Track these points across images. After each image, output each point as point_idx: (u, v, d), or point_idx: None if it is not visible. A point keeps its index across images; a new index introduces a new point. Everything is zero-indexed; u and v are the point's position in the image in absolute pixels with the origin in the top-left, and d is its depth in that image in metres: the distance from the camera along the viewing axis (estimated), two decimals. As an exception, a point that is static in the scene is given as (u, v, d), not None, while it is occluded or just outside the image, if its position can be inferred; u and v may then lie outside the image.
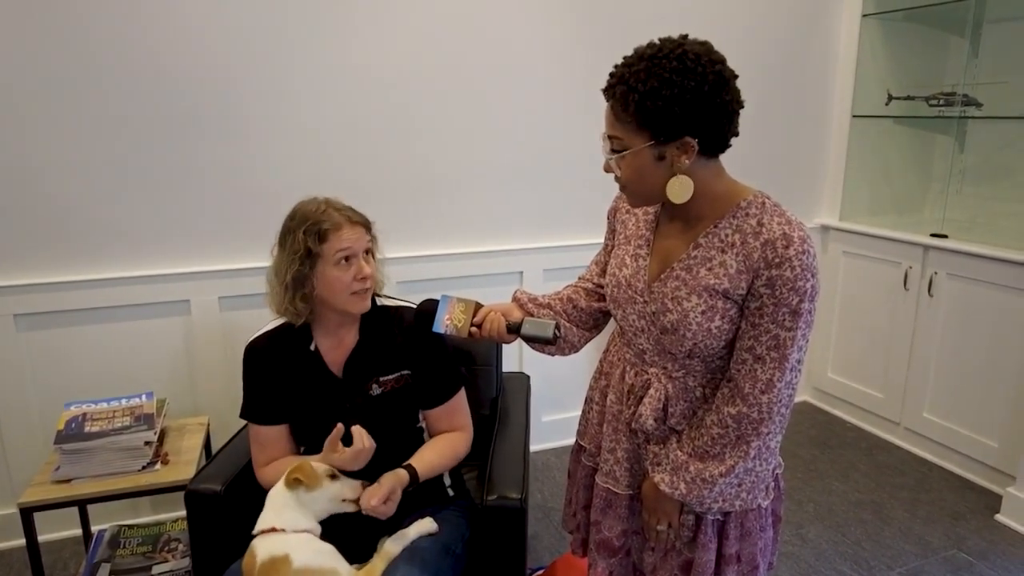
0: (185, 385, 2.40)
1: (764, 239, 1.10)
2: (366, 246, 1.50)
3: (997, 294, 2.64)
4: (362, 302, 1.50)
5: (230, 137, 2.29)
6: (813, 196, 3.33)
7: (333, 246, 1.45)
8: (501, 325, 1.33)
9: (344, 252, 1.45)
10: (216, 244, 2.35)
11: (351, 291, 1.48)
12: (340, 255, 1.45)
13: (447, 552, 1.49)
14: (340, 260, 1.46)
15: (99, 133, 2.15)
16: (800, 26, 3.06)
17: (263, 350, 1.57)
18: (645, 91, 1.05)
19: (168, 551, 2.05)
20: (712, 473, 1.18)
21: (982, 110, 2.97)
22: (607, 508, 1.35)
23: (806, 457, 2.95)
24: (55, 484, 1.85)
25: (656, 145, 1.09)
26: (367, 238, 1.50)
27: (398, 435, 1.56)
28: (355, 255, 1.47)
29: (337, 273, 1.46)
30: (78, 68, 2.09)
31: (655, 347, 1.24)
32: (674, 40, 1.09)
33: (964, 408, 2.80)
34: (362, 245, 1.49)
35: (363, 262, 1.48)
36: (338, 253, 1.45)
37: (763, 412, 1.14)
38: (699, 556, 1.25)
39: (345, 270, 1.46)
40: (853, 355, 3.28)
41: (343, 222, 1.46)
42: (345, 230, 1.46)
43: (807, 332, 1.13)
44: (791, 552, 2.34)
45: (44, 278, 2.18)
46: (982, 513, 2.57)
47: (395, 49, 2.43)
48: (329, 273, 1.46)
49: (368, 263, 1.50)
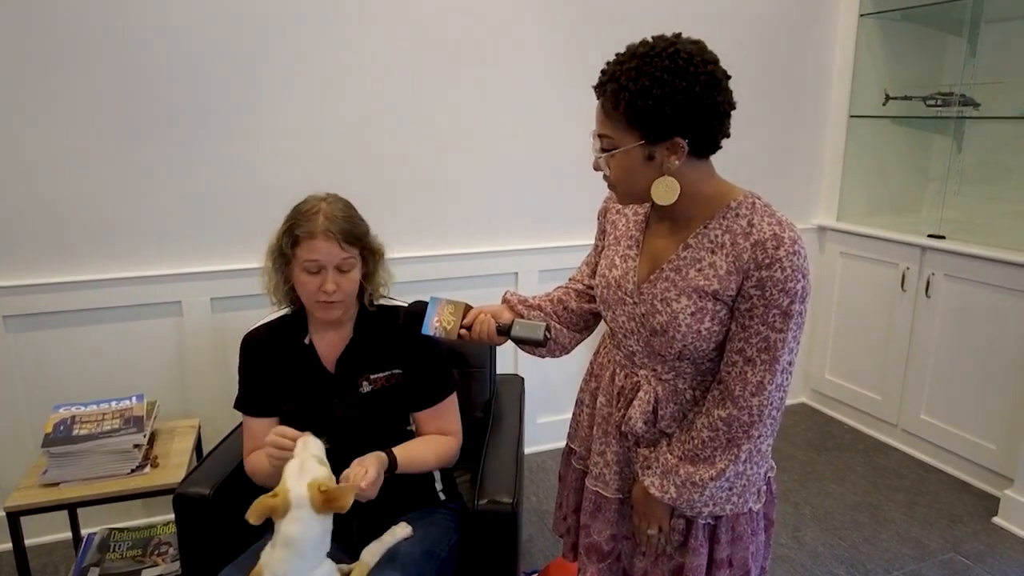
0: (176, 387, 2.38)
1: (754, 240, 1.08)
2: (338, 261, 1.46)
3: (995, 295, 2.62)
4: (327, 312, 1.50)
5: (223, 137, 2.27)
6: (810, 197, 3.32)
7: (302, 253, 1.45)
8: (491, 327, 1.31)
9: (312, 263, 1.45)
10: (208, 245, 2.33)
11: (315, 299, 1.48)
12: (308, 264, 1.45)
13: (431, 556, 1.47)
14: (308, 268, 1.45)
15: (90, 133, 2.13)
16: (797, 26, 3.05)
17: (260, 341, 1.59)
18: (636, 90, 1.03)
19: (158, 555, 2.04)
20: (702, 476, 1.16)
21: (980, 110, 2.96)
22: (596, 512, 1.34)
23: (803, 459, 2.93)
24: (43, 487, 1.83)
25: (646, 145, 1.08)
26: (343, 255, 1.46)
27: (386, 435, 1.55)
28: (324, 268, 1.45)
29: (304, 279, 1.47)
30: (66, 68, 2.07)
31: (645, 349, 1.22)
32: (667, 39, 1.07)
33: (962, 410, 2.78)
34: (332, 260, 1.45)
35: (332, 276, 1.45)
36: (306, 262, 1.45)
37: (754, 415, 1.13)
38: (690, 561, 1.24)
39: (312, 278, 1.46)
40: (850, 357, 3.26)
41: (318, 233, 1.43)
42: (317, 242, 1.43)
43: (798, 334, 1.11)
44: (787, 555, 2.33)
45: (33, 279, 2.16)
46: (979, 516, 2.55)
47: (391, 50, 2.41)
48: (298, 276, 1.48)
49: (342, 278, 1.47)
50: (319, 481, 1.25)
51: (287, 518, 1.24)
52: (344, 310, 1.52)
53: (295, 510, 1.23)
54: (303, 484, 1.25)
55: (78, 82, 2.09)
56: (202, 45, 2.19)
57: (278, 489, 1.26)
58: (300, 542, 1.23)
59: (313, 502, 1.23)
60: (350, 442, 1.48)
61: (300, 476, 1.26)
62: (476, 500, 1.52)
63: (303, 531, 1.23)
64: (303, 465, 1.28)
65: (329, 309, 1.49)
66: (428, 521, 1.54)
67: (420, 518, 1.54)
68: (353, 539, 1.49)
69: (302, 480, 1.25)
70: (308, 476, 1.26)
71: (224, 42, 2.21)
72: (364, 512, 1.43)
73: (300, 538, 1.23)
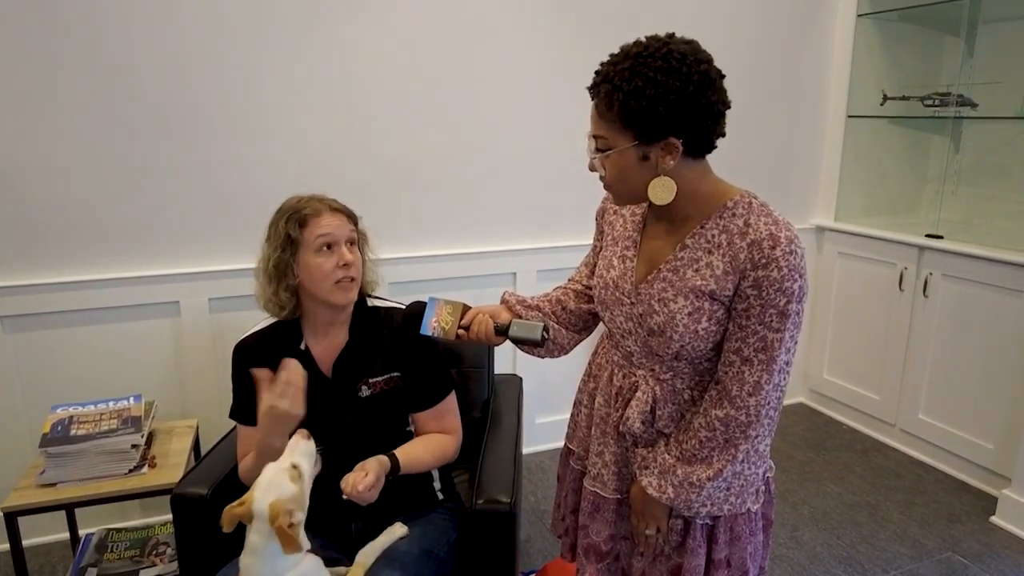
0: (174, 387, 2.38)
1: (751, 239, 1.08)
2: (348, 235, 1.48)
3: (992, 295, 2.63)
4: (346, 293, 1.48)
5: (220, 137, 2.27)
6: (808, 197, 3.32)
7: (313, 232, 1.44)
8: (489, 327, 1.31)
9: (325, 239, 1.44)
10: (206, 245, 2.33)
11: (334, 279, 1.45)
12: (321, 241, 1.44)
13: (429, 556, 1.47)
14: (321, 247, 1.45)
15: (86, 133, 2.13)
16: (795, 26, 3.05)
17: (252, 349, 1.56)
18: (629, 90, 1.03)
19: (156, 555, 2.04)
20: (700, 477, 1.16)
21: (977, 110, 2.96)
22: (595, 512, 1.34)
23: (801, 459, 2.93)
24: (41, 488, 1.83)
25: (640, 145, 1.08)
26: (350, 227, 1.49)
27: (387, 437, 1.54)
28: (336, 242, 1.46)
29: (319, 260, 1.44)
30: (62, 68, 2.07)
31: (643, 349, 1.22)
32: (660, 39, 1.07)
33: (960, 410, 2.78)
34: (344, 233, 1.47)
35: (345, 250, 1.46)
36: (319, 239, 1.44)
37: (751, 415, 1.13)
38: (688, 561, 1.24)
39: (327, 257, 1.45)
40: (848, 357, 3.26)
41: (323, 209, 1.46)
42: (325, 216, 1.46)
43: (795, 333, 1.11)
44: (785, 555, 2.33)
45: (31, 279, 2.16)
46: (977, 515, 2.56)
47: (386, 49, 2.41)
48: (311, 261, 1.45)
49: (352, 252, 1.48)
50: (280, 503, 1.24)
51: (252, 527, 1.25)
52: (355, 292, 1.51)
53: (257, 521, 1.24)
54: (267, 500, 1.24)
55: (75, 83, 2.09)
56: (200, 46, 2.18)
57: (245, 498, 1.26)
58: (263, 551, 1.24)
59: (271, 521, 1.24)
60: (350, 446, 1.48)
61: (267, 490, 1.26)
62: (474, 500, 1.52)
63: (265, 541, 1.24)
64: (273, 479, 1.27)
65: (348, 289, 1.47)
66: (426, 520, 1.54)
67: (418, 518, 1.54)
68: (352, 540, 1.49)
69: (268, 495, 1.25)
70: (273, 494, 1.25)
71: (222, 43, 2.21)
72: (363, 513, 1.43)
73: (263, 547, 1.24)
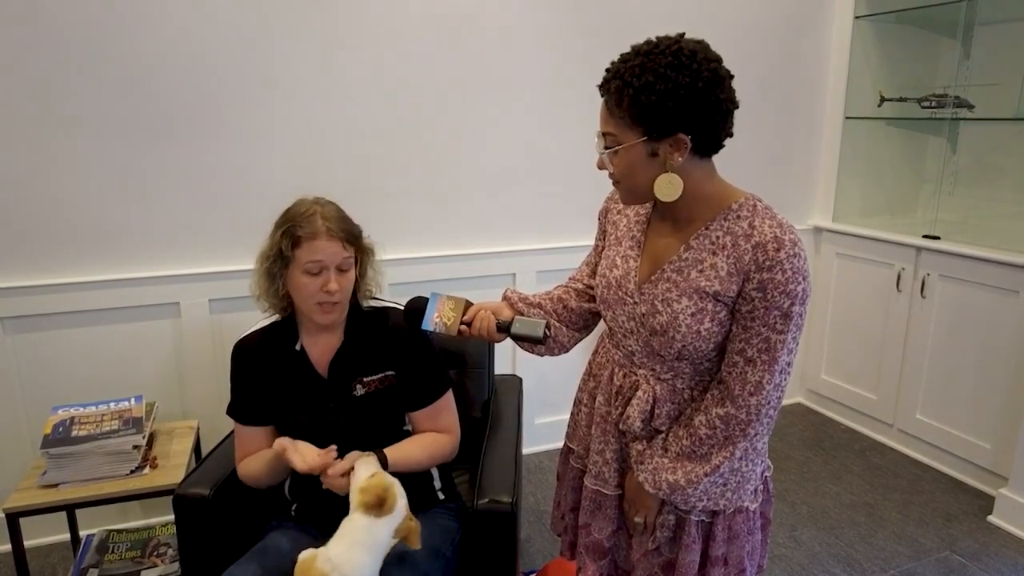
0: (174, 388, 2.38)
1: (755, 242, 1.09)
2: (340, 261, 1.46)
3: (990, 295, 2.64)
4: (326, 314, 1.48)
5: (220, 139, 2.27)
6: (806, 198, 3.33)
7: (304, 254, 1.43)
8: (491, 324, 1.32)
9: (314, 264, 1.44)
10: (206, 246, 2.33)
11: (315, 301, 1.46)
12: (310, 265, 1.44)
13: (437, 555, 1.48)
14: (310, 270, 1.44)
15: (87, 134, 2.13)
16: (792, 28, 3.07)
17: (251, 348, 1.57)
18: (639, 86, 1.05)
19: (157, 556, 2.04)
20: (697, 473, 1.17)
21: (974, 112, 2.97)
22: (596, 510, 1.35)
23: (799, 459, 2.94)
24: (42, 489, 1.83)
25: (649, 141, 1.09)
26: (344, 254, 1.46)
27: (382, 436, 1.55)
28: (326, 268, 1.44)
29: (305, 280, 1.45)
30: (64, 68, 2.07)
31: (644, 349, 1.23)
32: (671, 38, 1.09)
33: (957, 410, 2.80)
34: (335, 260, 1.45)
35: (333, 276, 1.45)
36: (307, 263, 1.43)
37: (751, 414, 1.14)
38: (682, 557, 1.24)
39: (312, 279, 1.44)
40: (846, 357, 3.28)
41: (320, 233, 1.43)
42: (319, 241, 1.43)
43: (797, 335, 1.12)
44: (783, 554, 2.34)
45: (31, 281, 2.15)
46: (975, 515, 2.57)
47: (387, 51, 2.42)
48: (298, 279, 1.45)
49: (342, 278, 1.47)
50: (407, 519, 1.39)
51: (380, 520, 1.34)
52: (341, 312, 1.52)
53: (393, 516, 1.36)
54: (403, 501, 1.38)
55: (75, 86, 2.09)
56: (201, 49, 2.19)
57: (389, 493, 1.36)
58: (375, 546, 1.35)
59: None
60: (346, 446, 1.48)
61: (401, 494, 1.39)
62: (475, 500, 1.52)
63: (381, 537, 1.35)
64: None
65: (330, 311, 1.48)
66: (430, 520, 1.54)
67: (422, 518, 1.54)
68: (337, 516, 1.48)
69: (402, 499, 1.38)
70: (404, 498, 1.39)
71: (222, 46, 2.21)
72: None
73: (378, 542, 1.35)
